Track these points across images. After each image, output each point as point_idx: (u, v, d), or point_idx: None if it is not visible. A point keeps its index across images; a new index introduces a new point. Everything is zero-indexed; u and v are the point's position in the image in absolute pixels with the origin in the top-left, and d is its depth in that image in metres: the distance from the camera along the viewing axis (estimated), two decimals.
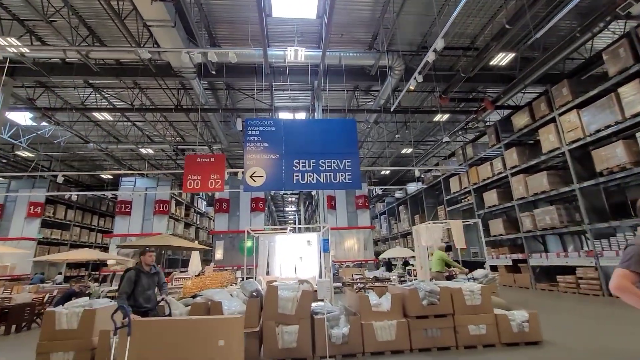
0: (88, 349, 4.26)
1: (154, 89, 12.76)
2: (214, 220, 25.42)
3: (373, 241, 20.69)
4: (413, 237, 9.45)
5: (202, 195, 26.38)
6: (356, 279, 11.29)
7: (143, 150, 16.94)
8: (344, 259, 17.43)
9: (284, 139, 8.44)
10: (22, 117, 13.74)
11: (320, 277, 10.01)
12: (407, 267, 11.70)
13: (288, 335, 4.37)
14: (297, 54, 9.89)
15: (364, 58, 10.67)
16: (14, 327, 7.68)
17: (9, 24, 9.10)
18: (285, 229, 11.18)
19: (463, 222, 8.51)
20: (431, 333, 4.58)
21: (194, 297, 4.95)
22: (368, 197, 20.35)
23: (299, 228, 26.71)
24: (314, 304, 4.82)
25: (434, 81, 11.14)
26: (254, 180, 8.30)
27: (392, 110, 9.40)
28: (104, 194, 20.95)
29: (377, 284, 10.58)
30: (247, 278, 8.94)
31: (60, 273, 17.93)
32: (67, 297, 7.97)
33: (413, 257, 13.77)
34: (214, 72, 10.84)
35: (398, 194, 25.61)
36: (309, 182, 8.53)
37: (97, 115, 13.47)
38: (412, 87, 7.30)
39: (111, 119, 13.92)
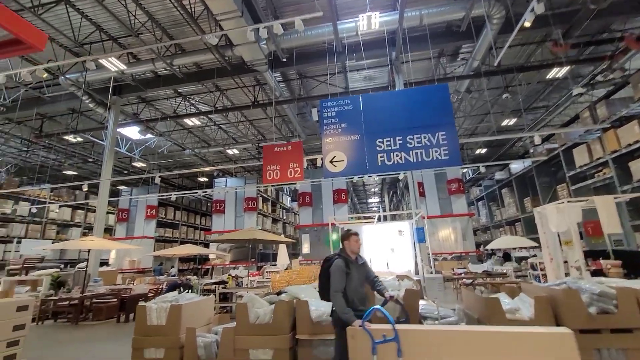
0: (176, 347, 4.02)
1: (232, 89, 13.15)
2: (298, 215, 25.87)
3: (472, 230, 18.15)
4: (536, 221, 7.48)
5: (286, 191, 27.16)
6: (459, 274, 9.68)
7: (229, 152, 17.93)
8: (438, 251, 15.63)
9: (364, 117, 7.51)
10: (132, 132, 15.74)
11: (416, 271, 8.77)
12: (530, 260, 9.53)
13: None
14: (370, 22, 8.79)
15: (451, 11, 8.94)
16: (131, 315, 8.51)
17: (109, 45, 10.17)
18: (373, 218, 10.19)
19: (615, 197, 6.29)
20: (608, 356, 3.09)
21: (278, 293, 4.39)
22: (462, 180, 17.93)
23: (387, 217, 25.38)
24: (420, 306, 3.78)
25: (551, 24, 8.75)
26: (334, 166, 7.54)
27: (495, 64, 7.56)
28: (198, 194, 23.03)
29: (488, 279, 8.83)
30: None
31: (173, 267, 20.40)
32: (172, 288, 8.53)
33: (533, 247, 11.34)
34: (284, 60, 10.48)
35: (499, 176, 22.12)
36: (396, 162, 7.46)
37: (188, 122, 14.57)
38: (527, 24, 5.52)
39: (199, 123, 14.92)
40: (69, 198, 21.59)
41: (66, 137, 15.61)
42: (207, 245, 21.20)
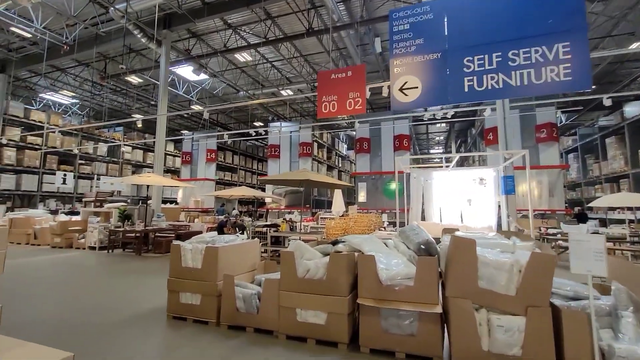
0: (213, 294, 3.37)
1: (284, 16, 11.61)
2: (354, 164, 24.72)
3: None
4: None
5: (343, 138, 25.87)
6: (554, 234, 7.90)
7: (283, 92, 16.87)
8: (517, 207, 13.50)
9: (448, 28, 5.75)
10: (187, 72, 15.38)
11: (498, 228, 7.25)
12: None
13: (504, 332, 2.28)
14: None
15: None
16: None
17: None
18: (442, 166, 8.63)
19: None
20: None
21: (334, 243, 3.43)
22: (556, 125, 14.79)
23: (459, 161, 22.98)
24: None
25: None
26: (405, 95, 6.07)
27: None
28: (250, 133, 22.90)
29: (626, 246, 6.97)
30: (403, 224, 7.15)
31: (234, 208, 21.28)
32: (220, 227, 8.33)
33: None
34: None
35: (603, 122, 17.98)
36: (490, 87, 5.81)
37: (239, 57, 13.61)
38: None
39: (250, 59, 13.86)
40: (139, 139, 23.07)
41: (128, 79, 15.88)
42: (263, 190, 21.48)
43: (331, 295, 2.83)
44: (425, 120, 21.92)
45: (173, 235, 8.86)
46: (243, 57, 13.41)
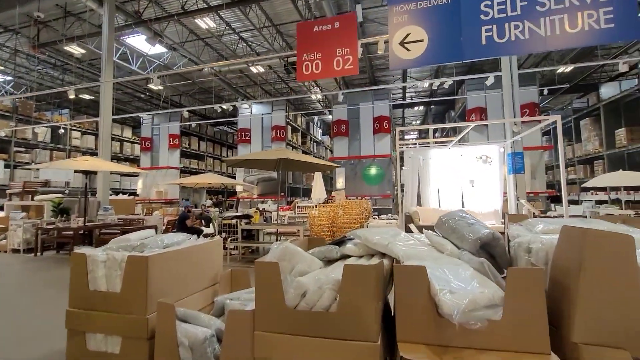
0: (142, 336, 2.01)
1: None
2: (331, 150, 23.61)
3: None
4: None
5: (317, 123, 24.52)
6: (555, 217, 7.13)
7: (253, 69, 15.16)
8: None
9: None
10: (140, 42, 13.28)
11: (504, 212, 6.35)
12: None
13: None
14: None
15: None
16: None
17: None
18: (447, 141, 7.61)
19: None
20: None
21: (340, 242, 2.17)
22: (539, 105, 14.36)
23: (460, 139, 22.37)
24: None
25: None
26: (407, 50, 4.94)
27: None
28: (220, 120, 21.11)
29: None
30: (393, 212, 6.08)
31: (208, 200, 19.49)
32: (180, 221, 6.82)
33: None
34: None
35: (577, 104, 17.96)
36: (513, 39, 4.75)
37: (201, 24, 11.76)
38: None
39: (214, 25, 12.04)
40: (90, 126, 20.39)
41: (68, 49, 13.45)
42: (234, 178, 19.78)
43: (349, 340, 1.57)
44: (405, 102, 21.08)
45: (119, 232, 7.22)
46: (205, 23, 11.58)
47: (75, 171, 11.09)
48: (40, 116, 17.93)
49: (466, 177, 6.72)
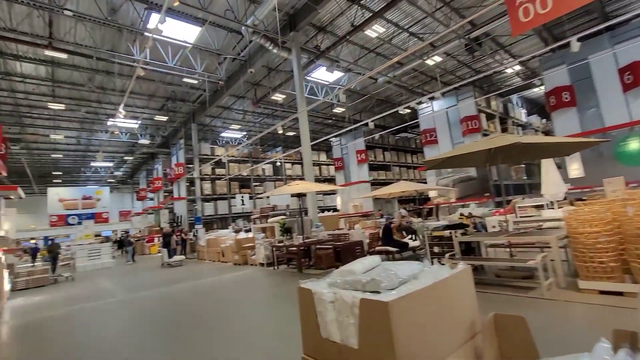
0: None
1: None
2: (545, 132, 18.67)
3: None
4: None
5: (517, 103, 19.87)
6: None
7: (429, 62, 13.84)
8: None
9: None
10: (322, 74, 14.73)
11: None
12: None
13: None
14: None
15: None
16: None
17: None
18: None
19: None
20: None
21: None
22: None
23: None
24: None
25: None
26: None
27: None
28: (402, 125, 20.40)
29: None
30: None
31: (401, 210, 19.38)
32: (386, 234, 6.30)
33: None
34: None
35: None
36: None
37: (370, 34, 11.72)
38: None
39: (383, 30, 11.71)
40: (296, 156, 24.65)
41: (274, 98, 16.70)
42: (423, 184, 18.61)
43: None
44: None
45: (331, 248, 7.56)
46: (374, 31, 11.46)
47: (291, 195, 13.24)
48: (264, 156, 23.22)
49: None
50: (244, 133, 23.34)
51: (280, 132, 11.86)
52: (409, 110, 20.59)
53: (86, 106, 16.46)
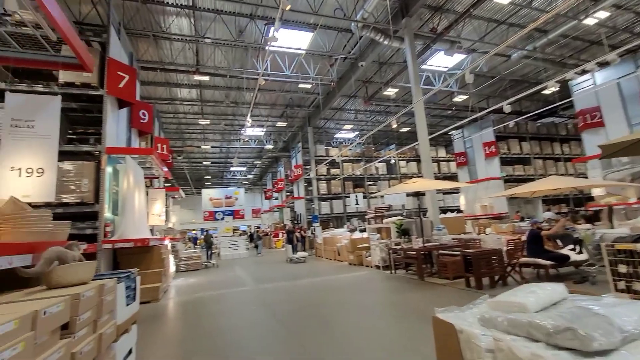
0: None
1: None
2: None
3: None
4: None
5: None
6: None
7: (588, 21, 10.67)
8: None
9: None
10: (441, 60, 13.25)
11: None
12: None
13: None
14: None
15: None
16: (485, 280, 5.78)
17: None
18: None
19: None
20: None
21: None
22: None
23: None
24: None
25: None
26: None
27: None
28: (547, 108, 16.63)
29: None
30: None
31: (549, 210, 15.99)
32: (533, 243, 4.86)
33: None
34: None
35: None
36: None
37: (500, 0, 9.77)
38: None
39: None
40: (411, 154, 23.23)
41: (386, 93, 16.00)
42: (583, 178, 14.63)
43: None
44: None
45: (459, 255, 6.46)
46: None
47: (407, 194, 12.33)
48: (377, 154, 22.66)
49: None
50: (357, 132, 23.37)
51: (394, 127, 11.10)
52: (556, 89, 16.66)
53: (224, 119, 19.39)
